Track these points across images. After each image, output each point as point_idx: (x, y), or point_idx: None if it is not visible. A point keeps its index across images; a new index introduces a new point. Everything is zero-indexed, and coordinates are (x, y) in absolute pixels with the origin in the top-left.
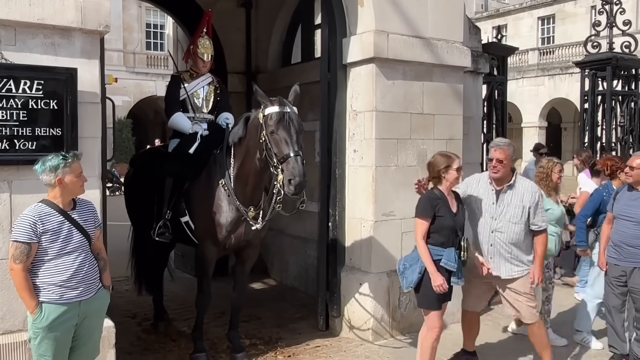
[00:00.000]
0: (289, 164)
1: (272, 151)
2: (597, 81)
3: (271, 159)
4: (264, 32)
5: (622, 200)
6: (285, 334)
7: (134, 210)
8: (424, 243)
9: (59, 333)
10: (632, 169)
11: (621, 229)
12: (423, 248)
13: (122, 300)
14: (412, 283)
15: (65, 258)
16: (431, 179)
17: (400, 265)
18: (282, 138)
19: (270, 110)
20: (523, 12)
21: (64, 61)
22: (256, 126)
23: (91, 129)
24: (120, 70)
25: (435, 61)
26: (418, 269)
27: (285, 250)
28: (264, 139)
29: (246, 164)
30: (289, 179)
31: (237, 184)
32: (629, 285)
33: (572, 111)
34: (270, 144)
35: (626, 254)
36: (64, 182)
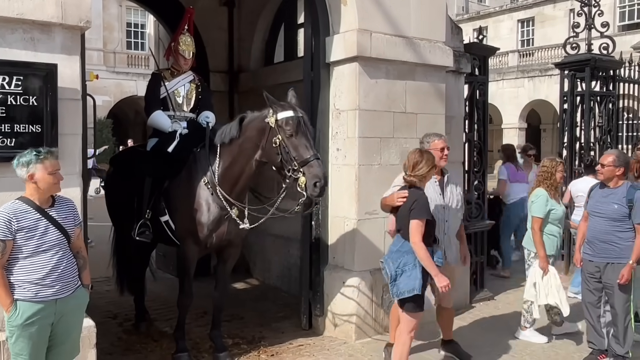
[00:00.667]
0: (311, 167)
1: (291, 155)
2: (576, 82)
3: (289, 162)
4: (247, 31)
5: (595, 197)
6: (268, 333)
7: (115, 210)
8: (424, 245)
9: (34, 331)
10: (603, 166)
11: (593, 225)
12: (424, 251)
13: (103, 301)
14: (415, 289)
15: (41, 256)
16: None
17: (392, 271)
18: (301, 142)
19: (285, 114)
20: (503, 14)
21: (43, 57)
22: (260, 129)
23: (71, 126)
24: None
25: (418, 60)
26: (419, 274)
27: (267, 249)
28: (279, 142)
29: (237, 164)
30: (315, 181)
31: (224, 182)
32: (603, 281)
33: (551, 113)
34: (288, 148)
35: (599, 250)
36: (35, 177)
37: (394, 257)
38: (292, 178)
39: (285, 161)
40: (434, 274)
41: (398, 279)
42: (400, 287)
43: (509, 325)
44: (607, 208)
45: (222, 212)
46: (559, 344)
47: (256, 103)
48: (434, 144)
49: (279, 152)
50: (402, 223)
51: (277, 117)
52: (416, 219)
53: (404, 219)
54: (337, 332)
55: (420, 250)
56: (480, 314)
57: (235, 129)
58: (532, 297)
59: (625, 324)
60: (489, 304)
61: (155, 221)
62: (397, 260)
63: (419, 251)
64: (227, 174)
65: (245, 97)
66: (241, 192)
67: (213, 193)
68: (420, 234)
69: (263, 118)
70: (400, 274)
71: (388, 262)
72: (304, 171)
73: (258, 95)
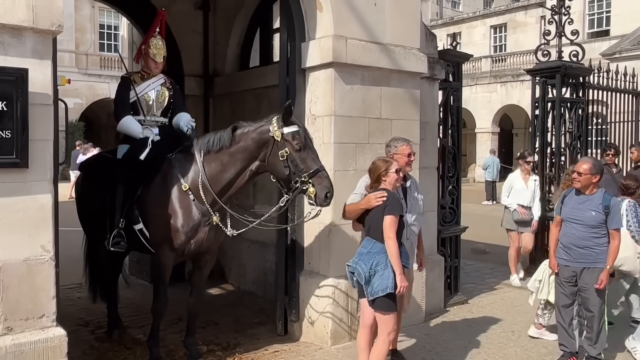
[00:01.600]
0: (321, 178)
1: (299, 167)
2: (547, 88)
3: (298, 174)
4: (222, 35)
5: (569, 204)
6: (244, 339)
7: (86, 219)
8: (396, 244)
9: None
10: (580, 174)
11: (570, 231)
12: (396, 248)
13: (75, 308)
14: (389, 288)
15: None
16: (373, 183)
17: (365, 272)
18: (309, 155)
19: (291, 129)
20: (476, 20)
21: (14, 61)
22: (260, 141)
23: (42, 131)
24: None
25: (393, 67)
26: (391, 273)
27: (243, 254)
28: (286, 156)
29: (227, 172)
30: (326, 192)
31: (212, 188)
32: (579, 285)
33: (523, 117)
34: (297, 161)
35: (576, 255)
36: None
37: (366, 259)
38: (300, 189)
39: (294, 173)
40: (398, 272)
41: (372, 279)
42: (375, 287)
43: (483, 329)
44: (585, 215)
45: (203, 219)
46: (531, 347)
47: (231, 107)
48: (401, 149)
49: (286, 164)
50: (373, 222)
51: (283, 130)
52: (391, 214)
53: (377, 218)
54: (313, 337)
55: (392, 246)
56: (454, 317)
57: (228, 138)
58: (534, 289)
59: (599, 326)
60: (463, 308)
61: (129, 229)
62: (368, 261)
63: (391, 247)
64: (216, 182)
65: (220, 101)
66: (228, 199)
67: (195, 199)
68: (395, 230)
69: (264, 131)
70: (374, 274)
71: (360, 264)
72: (314, 182)
73: (233, 99)
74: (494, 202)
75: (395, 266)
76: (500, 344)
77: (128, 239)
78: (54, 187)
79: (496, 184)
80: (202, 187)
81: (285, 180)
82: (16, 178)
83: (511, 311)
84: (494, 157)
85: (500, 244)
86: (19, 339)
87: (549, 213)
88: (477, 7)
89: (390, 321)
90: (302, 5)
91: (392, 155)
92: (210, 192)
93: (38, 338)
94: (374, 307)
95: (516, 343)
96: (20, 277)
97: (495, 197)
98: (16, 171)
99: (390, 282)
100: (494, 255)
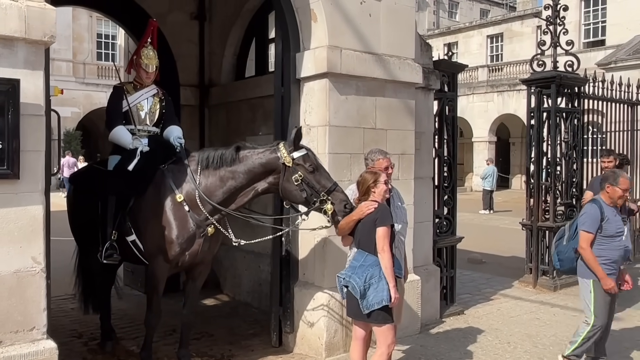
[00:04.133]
0: (337, 192)
1: (315, 188)
2: (542, 98)
3: (315, 194)
4: (218, 45)
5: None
6: (238, 351)
7: (78, 230)
8: (390, 255)
9: None
10: (626, 191)
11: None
12: (390, 260)
13: (68, 320)
14: (384, 300)
15: None
16: (362, 195)
17: (360, 286)
18: (322, 174)
19: (300, 153)
20: (473, 30)
21: (5, 72)
22: (267, 166)
23: (34, 142)
24: (70, 80)
25: (388, 77)
26: (385, 285)
27: (238, 265)
28: (300, 180)
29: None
30: (344, 204)
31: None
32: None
33: (519, 126)
34: (312, 183)
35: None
36: None
37: (359, 273)
38: (319, 207)
39: (311, 195)
40: (391, 285)
41: (367, 292)
42: (370, 300)
43: (479, 340)
44: (624, 228)
45: (198, 230)
46: (527, 358)
47: (227, 117)
48: (378, 163)
49: (302, 188)
50: (364, 235)
51: (293, 156)
52: (382, 225)
53: (367, 231)
54: (307, 349)
55: (387, 259)
56: (450, 328)
57: (230, 157)
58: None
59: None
60: (459, 319)
61: (121, 241)
62: (362, 274)
63: (385, 260)
64: (213, 194)
65: (216, 111)
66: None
67: (190, 210)
68: (388, 241)
69: (272, 157)
70: (368, 287)
71: (354, 277)
72: (330, 198)
73: (229, 109)
74: (491, 212)
75: (388, 278)
76: (497, 355)
77: (121, 251)
78: (46, 198)
79: (494, 193)
80: (198, 198)
81: (304, 203)
82: (7, 189)
83: (507, 322)
84: (493, 166)
85: (496, 253)
86: (8, 351)
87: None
88: (473, 17)
89: (389, 333)
90: (297, 15)
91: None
92: (207, 203)
93: (28, 351)
94: (370, 321)
95: (512, 354)
96: (11, 289)
97: (492, 206)
98: (7, 182)
99: (386, 295)
100: (490, 265)
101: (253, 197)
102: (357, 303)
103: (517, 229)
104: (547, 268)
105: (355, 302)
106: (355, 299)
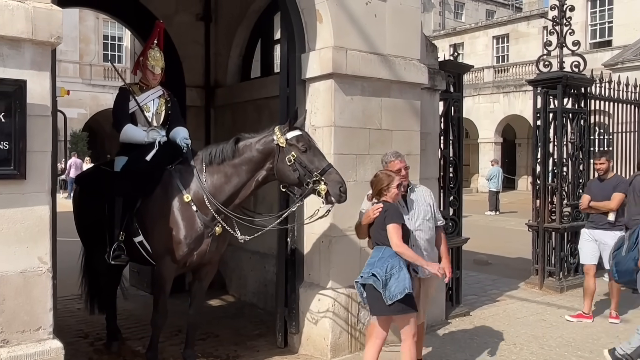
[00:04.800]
0: (331, 174)
1: (309, 168)
2: (548, 99)
3: (308, 175)
4: (224, 46)
5: None
6: (243, 351)
7: (84, 230)
8: (406, 245)
9: None
10: None
11: None
12: (407, 249)
13: (74, 320)
14: (406, 288)
15: None
16: (374, 195)
17: (382, 277)
18: (316, 154)
19: (294, 133)
20: (479, 31)
21: (12, 72)
22: (266, 151)
23: (41, 142)
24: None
25: (393, 78)
26: (406, 274)
27: (243, 265)
28: (293, 159)
29: (231, 184)
30: (339, 186)
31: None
32: None
33: (526, 127)
34: (305, 162)
35: None
36: None
37: (379, 264)
38: (312, 189)
39: (304, 175)
40: (423, 264)
41: (388, 282)
42: (392, 290)
43: (484, 341)
44: None
45: (206, 230)
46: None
47: (232, 118)
48: (391, 165)
49: (295, 168)
50: (377, 233)
51: (287, 136)
52: (391, 223)
53: (380, 230)
54: (313, 350)
55: (403, 250)
56: (456, 329)
57: (230, 150)
58: None
59: None
60: (464, 320)
61: (128, 242)
62: (383, 266)
63: (402, 251)
64: (220, 192)
65: (221, 111)
66: (235, 208)
67: (198, 210)
68: (399, 236)
69: (268, 141)
70: (390, 277)
71: (375, 270)
72: (324, 180)
73: (234, 110)
74: (497, 213)
75: (418, 262)
76: (503, 356)
77: (128, 252)
78: (52, 198)
79: (499, 194)
80: (206, 198)
81: (297, 184)
82: (14, 189)
83: (513, 323)
84: (498, 167)
85: (502, 254)
86: (15, 351)
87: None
88: (479, 17)
89: (413, 323)
90: (303, 16)
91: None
92: (214, 202)
93: (34, 351)
94: (393, 312)
95: (518, 356)
96: (17, 289)
97: (498, 207)
98: (14, 183)
99: (407, 283)
100: (496, 266)
101: (255, 188)
102: (380, 296)
103: (523, 230)
104: (553, 269)
105: (378, 296)
106: (378, 292)
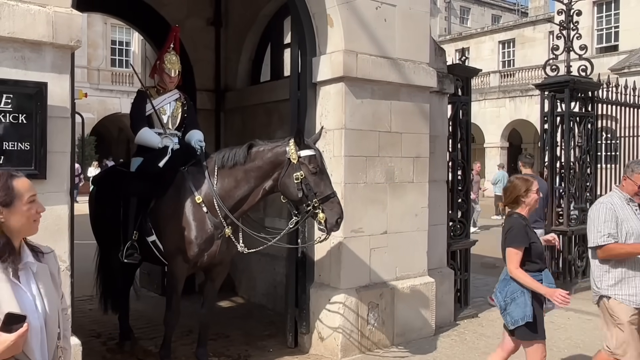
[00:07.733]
0: (333, 203)
1: (313, 191)
2: (556, 103)
3: (310, 197)
4: (234, 50)
5: None
6: (254, 351)
7: (99, 230)
8: (522, 271)
9: None
10: None
11: None
12: (525, 275)
13: (87, 320)
14: (527, 317)
15: None
16: (508, 203)
17: (500, 302)
18: (323, 179)
19: (308, 152)
20: (484, 36)
21: (34, 75)
22: (275, 162)
23: (60, 143)
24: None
25: (403, 81)
26: (528, 300)
27: (253, 267)
28: (301, 179)
29: (241, 188)
30: (337, 218)
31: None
32: None
33: (532, 132)
34: (311, 185)
35: None
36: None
37: (501, 287)
38: (312, 212)
39: (306, 196)
40: (545, 293)
41: (508, 308)
42: (514, 316)
43: (493, 343)
44: None
45: (216, 231)
46: None
47: (242, 121)
48: (636, 178)
49: (300, 187)
50: (503, 250)
51: (299, 153)
52: (510, 246)
53: (503, 247)
54: (323, 350)
55: (520, 276)
56: (464, 331)
57: (243, 155)
58: None
59: None
60: (473, 322)
61: (142, 241)
62: (503, 289)
63: (519, 278)
64: (229, 197)
65: (231, 115)
66: (241, 215)
67: (208, 212)
68: (515, 262)
69: (280, 152)
70: (510, 302)
71: (496, 293)
72: (324, 207)
73: (244, 113)
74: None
75: (538, 290)
76: (511, 358)
77: (141, 251)
78: (70, 198)
79: None
80: (215, 200)
81: (297, 202)
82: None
83: None
84: (504, 171)
85: None
86: None
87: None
88: (485, 22)
89: (538, 349)
90: (314, 21)
91: (625, 178)
92: (222, 206)
93: None
94: (517, 337)
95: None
96: None
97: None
98: (34, 182)
99: (529, 311)
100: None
101: (262, 196)
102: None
103: None
104: (561, 272)
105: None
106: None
